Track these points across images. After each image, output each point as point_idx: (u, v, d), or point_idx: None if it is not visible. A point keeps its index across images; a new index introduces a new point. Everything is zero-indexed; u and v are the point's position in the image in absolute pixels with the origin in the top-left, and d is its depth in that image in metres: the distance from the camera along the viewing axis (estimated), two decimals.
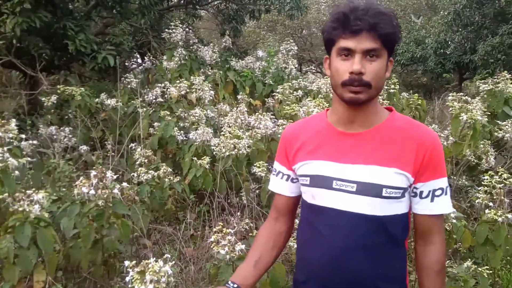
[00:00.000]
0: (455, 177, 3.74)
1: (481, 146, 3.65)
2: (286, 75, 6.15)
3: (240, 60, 6.83)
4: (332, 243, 1.19)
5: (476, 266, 2.52)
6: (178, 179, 3.30)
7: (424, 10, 18.03)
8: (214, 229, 2.10)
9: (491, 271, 2.57)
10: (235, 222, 3.19)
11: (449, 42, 12.88)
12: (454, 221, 2.61)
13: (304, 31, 19.75)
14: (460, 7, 11.31)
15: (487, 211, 2.56)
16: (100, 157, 4.08)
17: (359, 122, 1.21)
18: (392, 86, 4.50)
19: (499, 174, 2.65)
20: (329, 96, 4.93)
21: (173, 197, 3.54)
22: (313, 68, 7.91)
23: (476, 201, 2.68)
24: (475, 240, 2.69)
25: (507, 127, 3.91)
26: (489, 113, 4.86)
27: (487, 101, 4.86)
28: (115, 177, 2.45)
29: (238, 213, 3.32)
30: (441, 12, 13.49)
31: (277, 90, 5.07)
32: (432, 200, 1.19)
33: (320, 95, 4.47)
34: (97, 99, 4.99)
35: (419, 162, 1.16)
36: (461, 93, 4.06)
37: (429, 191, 1.19)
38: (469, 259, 2.61)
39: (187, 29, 6.24)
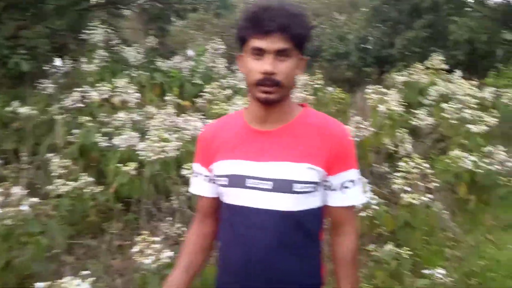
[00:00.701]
0: (377, 165, 3.94)
1: (398, 134, 3.87)
2: (214, 74, 6.11)
3: (167, 60, 6.68)
4: (251, 242, 1.20)
5: (397, 248, 2.67)
6: (101, 189, 3.13)
7: (346, 8, 18.85)
8: (137, 239, 2.01)
9: (411, 252, 2.73)
10: (165, 228, 3.10)
11: (369, 38, 13.56)
12: (376, 207, 2.74)
13: (233, 29, 19.86)
14: (378, 3, 11.96)
15: (404, 195, 2.72)
16: (14, 171, 3.77)
17: (272, 120, 1.23)
18: (317, 82, 4.63)
19: (413, 159, 2.82)
20: None
21: (96, 208, 3.36)
22: None
23: (394, 187, 2.83)
24: (396, 224, 2.85)
25: (421, 115, 4.20)
26: (406, 103, 5.20)
27: (403, 92, 5.19)
28: (25, 192, 2.26)
29: (169, 218, 3.23)
30: (362, 9, 14.17)
31: (205, 90, 5.01)
32: (343, 192, 1.23)
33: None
34: (9, 108, 4.61)
35: (329, 156, 1.19)
36: (379, 86, 4.27)
37: (340, 183, 1.23)
38: (392, 242, 2.75)
39: (107, 29, 5.95)
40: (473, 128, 3.92)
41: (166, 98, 5.21)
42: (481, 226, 4.06)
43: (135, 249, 1.97)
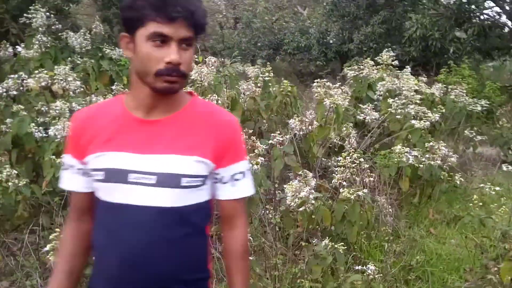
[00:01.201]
0: (323, 159, 3.92)
1: (344, 129, 3.87)
2: None
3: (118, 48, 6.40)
4: (132, 243, 1.09)
5: (333, 243, 2.65)
6: (25, 182, 2.93)
7: (309, 2, 18.93)
8: (51, 236, 1.86)
9: (346, 247, 2.72)
10: None
11: (329, 32, 13.66)
12: (313, 202, 2.70)
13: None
14: None
15: (342, 190, 2.69)
16: None
17: (160, 109, 1.13)
18: (267, 74, 4.56)
19: (350, 154, 2.80)
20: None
21: (27, 202, 3.16)
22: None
23: (333, 181, 2.80)
24: (334, 219, 2.83)
25: (367, 110, 4.22)
26: (356, 98, 5.23)
27: (353, 87, 5.21)
28: None
29: None
30: (323, 3, 14.25)
31: None
32: (233, 185, 1.18)
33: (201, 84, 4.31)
34: None
35: (218, 148, 1.14)
36: (325, 80, 4.24)
37: (230, 176, 1.17)
38: (329, 237, 2.73)
39: (49, 13, 5.60)
40: (417, 123, 3.97)
41: (114, 87, 4.98)
42: (425, 220, 4.15)
43: (46, 248, 1.82)
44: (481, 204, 4.44)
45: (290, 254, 2.79)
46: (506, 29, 10.49)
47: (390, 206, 3.59)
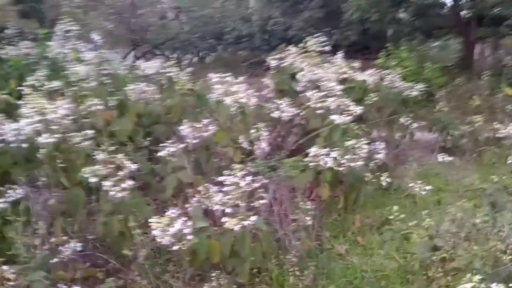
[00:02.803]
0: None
1: (253, 131, 3.28)
2: (63, 63, 5.09)
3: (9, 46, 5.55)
4: None
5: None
6: None
7: None
8: None
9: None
10: None
11: (271, 19, 13.10)
12: (190, 238, 2.10)
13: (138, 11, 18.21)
14: None
15: (224, 218, 2.11)
16: None
17: None
18: (172, 70, 3.88)
19: (238, 169, 2.21)
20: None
21: None
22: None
23: (215, 207, 2.21)
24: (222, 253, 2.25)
25: (282, 106, 3.65)
26: (280, 91, 4.65)
27: (275, 78, 4.64)
28: None
29: None
30: None
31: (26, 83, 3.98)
32: None
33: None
34: None
35: None
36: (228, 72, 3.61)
37: None
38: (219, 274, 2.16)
39: None
40: (337, 118, 3.46)
41: None
42: (352, 227, 3.68)
43: None
44: (414, 204, 4.13)
45: None
46: (446, 9, 10.30)
47: (309, 218, 3.07)
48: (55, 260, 2.50)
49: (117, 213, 2.41)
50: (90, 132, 3.00)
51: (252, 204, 2.14)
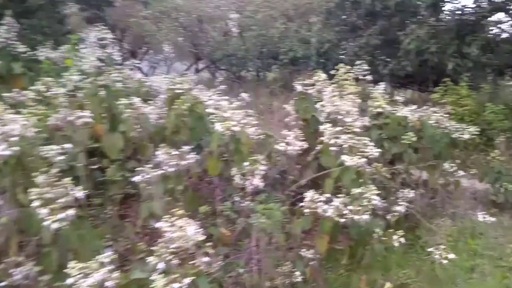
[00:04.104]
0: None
1: (246, 164, 2.87)
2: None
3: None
4: None
5: None
6: None
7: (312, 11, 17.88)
8: None
9: None
10: None
11: (327, 43, 12.66)
12: None
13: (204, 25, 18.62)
14: (332, 5, 11.11)
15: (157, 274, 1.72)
16: None
17: None
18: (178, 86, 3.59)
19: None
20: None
21: None
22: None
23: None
24: None
25: (290, 138, 3.21)
26: (302, 120, 4.22)
27: (297, 106, 4.22)
28: None
29: None
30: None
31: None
32: None
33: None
34: None
35: None
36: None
37: None
38: None
39: None
40: (348, 160, 2.96)
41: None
42: None
43: None
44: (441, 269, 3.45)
45: None
46: None
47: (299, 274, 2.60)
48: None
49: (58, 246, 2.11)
50: (67, 146, 2.78)
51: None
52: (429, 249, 2.97)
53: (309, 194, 2.69)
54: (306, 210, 2.70)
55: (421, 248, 3.73)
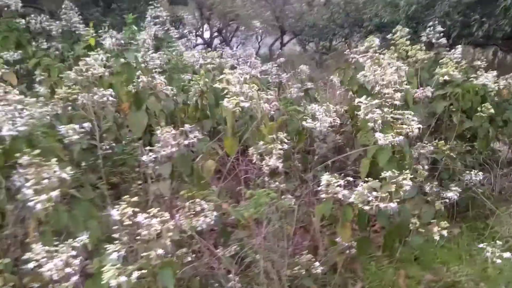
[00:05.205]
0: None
1: (261, 143, 2.60)
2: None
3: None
4: None
5: None
6: None
7: None
8: None
9: None
10: None
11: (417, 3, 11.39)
12: None
13: None
14: None
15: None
16: None
17: None
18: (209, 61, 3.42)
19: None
20: None
21: None
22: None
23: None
24: None
25: (318, 113, 2.84)
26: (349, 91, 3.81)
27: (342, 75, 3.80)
28: None
29: None
30: None
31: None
32: None
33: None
34: None
35: None
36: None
37: None
38: None
39: None
40: (381, 138, 2.52)
41: None
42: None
43: None
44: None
45: None
46: None
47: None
48: None
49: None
50: (85, 125, 2.80)
51: None
52: (480, 245, 2.45)
53: (325, 177, 2.36)
54: (323, 195, 2.38)
55: (488, 240, 3.16)
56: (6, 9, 4.77)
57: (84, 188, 2.62)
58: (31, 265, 1.66)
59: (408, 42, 4.00)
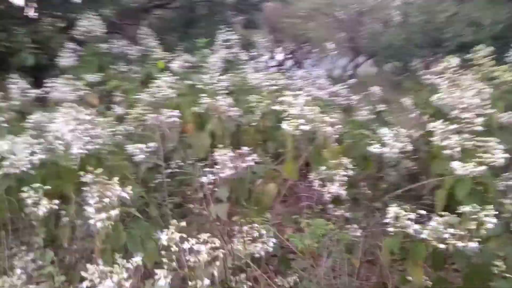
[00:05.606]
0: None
1: (323, 168, 2.46)
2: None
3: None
4: None
5: None
6: None
7: None
8: None
9: None
10: None
11: (500, 22, 10.60)
12: None
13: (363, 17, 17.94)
14: None
15: None
16: None
17: None
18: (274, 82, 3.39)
19: None
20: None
21: None
22: None
23: None
24: None
25: (386, 138, 2.63)
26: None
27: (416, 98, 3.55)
28: None
29: None
30: None
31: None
32: None
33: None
34: None
35: None
36: None
37: None
38: None
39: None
40: (460, 168, 2.25)
41: None
42: None
43: None
44: None
45: None
46: None
47: None
48: None
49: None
50: (151, 144, 2.87)
51: None
52: None
53: (393, 209, 2.15)
54: (391, 229, 2.17)
55: None
56: (90, 34, 5.17)
57: (150, 208, 2.67)
58: (84, 284, 1.67)
59: (492, 63, 3.65)
